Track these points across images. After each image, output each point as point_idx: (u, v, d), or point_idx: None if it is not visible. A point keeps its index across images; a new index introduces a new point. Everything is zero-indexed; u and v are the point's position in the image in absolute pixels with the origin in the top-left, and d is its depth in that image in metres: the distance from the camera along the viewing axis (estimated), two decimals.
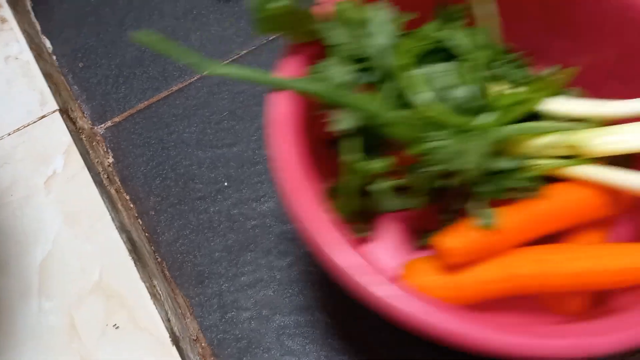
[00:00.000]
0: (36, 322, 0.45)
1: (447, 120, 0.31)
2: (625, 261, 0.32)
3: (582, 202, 0.34)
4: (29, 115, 0.59)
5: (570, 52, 0.41)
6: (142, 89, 0.66)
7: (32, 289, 0.47)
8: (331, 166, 0.35)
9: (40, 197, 0.52)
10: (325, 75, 0.32)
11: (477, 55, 0.33)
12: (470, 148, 0.31)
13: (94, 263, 0.48)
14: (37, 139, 0.57)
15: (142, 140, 0.61)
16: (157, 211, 0.55)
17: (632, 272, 0.32)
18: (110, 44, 0.71)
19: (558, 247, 0.35)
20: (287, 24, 0.31)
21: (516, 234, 0.34)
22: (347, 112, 0.32)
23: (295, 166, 0.30)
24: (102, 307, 0.46)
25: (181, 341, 0.45)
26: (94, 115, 0.64)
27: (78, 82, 0.67)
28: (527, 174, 0.34)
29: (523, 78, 0.37)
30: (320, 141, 0.34)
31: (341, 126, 0.32)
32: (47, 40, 0.72)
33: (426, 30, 0.35)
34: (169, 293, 0.49)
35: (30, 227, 0.51)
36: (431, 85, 0.32)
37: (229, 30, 0.71)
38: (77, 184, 0.53)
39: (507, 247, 0.34)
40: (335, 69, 0.32)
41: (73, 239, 0.50)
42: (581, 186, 0.34)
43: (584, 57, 0.41)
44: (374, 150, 0.34)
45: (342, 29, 0.33)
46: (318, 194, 0.30)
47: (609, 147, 0.32)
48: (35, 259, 0.49)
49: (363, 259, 0.28)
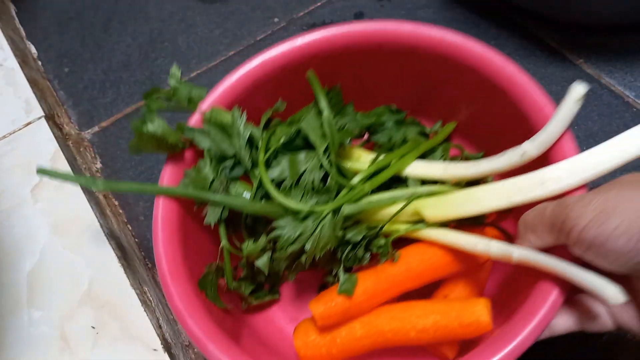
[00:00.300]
0: (26, 333, 0.45)
1: (290, 207, 0.36)
2: (465, 317, 0.35)
3: (434, 261, 0.38)
4: (14, 123, 0.58)
5: (449, 108, 0.45)
6: (129, 93, 0.65)
7: (21, 300, 0.46)
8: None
9: (28, 207, 0.52)
10: (199, 175, 0.37)
11: (322, 141, 0.37)
12: (308, 230, 0.35)
13: (83, 271, 0.48)
14: (24, 147, 0.56)
15: None
16: (146, 216, 0.54)
17: (473, 324, 0.35)
18: (95, 48, 0.70)
19: (410, 305, 0.38)
20: (160, 142, 0.37)
21: (377, 295, 0.38)
22: (213, 208, 0.37)
23: (172, 263, 0.36)
24: (92, 316, 0.45)
25: (173, 347, 0.45)
26: (81, 120, 0.63)
27: (64, 88, 0.67)
28: (383, 239, 0.38)
29: (397, 140, 0.42)
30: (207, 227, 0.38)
31: (209, 220, 0.37)
32: (32, 46, 0.72)
33: (294, 118, 0.40)
34: (160, 299, 0.49)
35: (18, 238, 0.50)
36: (293, 171, 0.37)
37: (215, 32, 0.70)
38: (65, 191, 0.52)
39: (370, 307, 0.38)
40: (207, 169, 0.37)
41: (61, 249, 0.49)
42: (432, 247, 0.38)
43: (462, 112, 0.44)
44: (260, 228, 0.40)
45: (209, 134, 0.38)
46: (189, 283, 0.36)
47: (434, 215, 0.36)
48: (23, 269, 0.48)
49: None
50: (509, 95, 0.38)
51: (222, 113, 0.39)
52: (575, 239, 0.28)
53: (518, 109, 0.37)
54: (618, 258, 0.27)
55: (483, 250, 0.34)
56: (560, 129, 0.33)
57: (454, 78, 0.41)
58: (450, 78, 0.42)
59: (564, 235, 0.29)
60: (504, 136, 0.40)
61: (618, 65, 0.58)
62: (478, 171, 0.36)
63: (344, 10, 0.69)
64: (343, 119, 0.40)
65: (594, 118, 0.54)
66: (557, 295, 0.31)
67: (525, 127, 0.37)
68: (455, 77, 0.41)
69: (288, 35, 0.68)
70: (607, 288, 0.28)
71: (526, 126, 0.37)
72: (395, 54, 0.42)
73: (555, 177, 0.32)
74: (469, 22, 0.65)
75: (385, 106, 0.44)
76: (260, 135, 0.39)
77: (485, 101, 0.41)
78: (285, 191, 0.37)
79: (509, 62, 0.38)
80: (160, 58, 0.68)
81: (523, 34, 0.63)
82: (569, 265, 0.30)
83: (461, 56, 0.39)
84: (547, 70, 0.59)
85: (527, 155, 0.34)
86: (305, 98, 0.40)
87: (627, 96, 0.55)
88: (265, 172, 0.37)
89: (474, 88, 0.41)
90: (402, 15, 0.67)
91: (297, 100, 0.41)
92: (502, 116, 0.40)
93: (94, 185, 0.38)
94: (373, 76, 0.44)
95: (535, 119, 0.36)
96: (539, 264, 0.31)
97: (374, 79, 0.45)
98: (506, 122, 0.39)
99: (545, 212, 0.31)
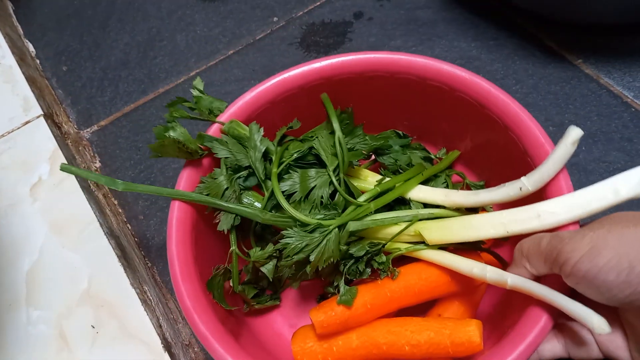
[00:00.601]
0: (24, 332, 0.45)
1: (299, 219, 0.37)
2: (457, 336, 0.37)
3: (431, 281, 0.39)
4: (12, 121, 0.58)
5: (453, 138, 0.48)
6: (128, 91, 0.65)
7: (19, 299, 0.46)
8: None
9: (26, 205, 0.51)
10: (214, 182, 0.39)
11: (333, 160, 0.40)
12: (314, 242, 0.37)
13: (82, 270, 0.47)
14: (22, 145, 0.56)
15: (130, 143, 0.60)
16: (146, 216, 0.54)
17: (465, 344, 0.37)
18: (94, 46, 0.70)
19: (406, 320, 0.39)
20: (180, 149, 0.39)
21: (376, 308, 0.39)
22: (226, 215, 0.39)
23: (183, 263, 0.37)
24: (91, 315, 0.45)
25: (173, 347, 0.45)
26: (80, 119, 0.63)
27: (62, 86, 0.66)
28: (384, 256, 0.40)
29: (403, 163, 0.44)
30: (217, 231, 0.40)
31: (221, 227, 0.39)
32: (30, 44, 0.71)
33: (307, 135, 0.42)
34: (160, 298, 0.48)
35: (16, 236, 0.50)
36: (304, 186, 0.39)
37: (214, 30, 0.70)
38: (64, 190, 0.52)
39: (368, 319, 0.39)
40: (222, 177, 0.39)
41: (60, 247, 0.49)
42: (431, 267, 0.39)
43: (466, 142, 0.47)
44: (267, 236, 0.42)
45: (227, 144, 0.40)
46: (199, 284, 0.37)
47: (434, 238, 0.38)
48: (22, 268, 0.48)
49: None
50: (511, 131, 0.40)
51: (240, 126, 0.41)
52: (568, 272, 0.29)
53: (519, 144, 0.39)
54: (608, 291, 0.28)
55: (479, 274, 0.35)
56: (557, 168, 0.35)
57: (460, 111, 0.44)
58: (456, 110, 0.44)
59: (557, 267, 0.30)
60: (504, 167, 0.43)
61: (617, 65, 0.58)
62: (477, 200, 0.38)
63: (343, 9, 0.69)
64: (353, 139, 0.42)
65: (592, 118, 0.55)
66: (546, 321, 0.32)
67: (525, 161, 0.39)
68: (462, 110, 0.43)
69: (287, 34, 0.68)
70: (592, 318, 0.30)
71: (525, 160, 0.39)
72: (406, 83, 0.44)
73: (551, 212, 0.34)
74: (469, 22, 0.65)
75: (392, 130, 0.46)
76: (275, 149, 0.41)
77: (489, 134, 0.43)
78: (295, 204, 0.39)
79: (512, 100, 0.40)
80: (159, 57, 0.68)
81: (522, 34, 0.63)
82: (558, 295, 0.31)
83: (469, 92, 0.42)
84: (546, 70, 0.59)
85: (524, 190, 0.36)
86: (317, 117, 0.43)
87: (626, 96, 0.56)
88: (278, 184, 0.39)
89: (479, 121, 0.43)
90: (401, 15, 0.67)
91: (309, 118, 0.43)
92: (503, 149, 0.42)
93: (114, 185, 0.39)
94: (383, 101, 0.47)
95: (534, 155, 0.38)
96: (531, 291, 0.33)
97: (384, 104, 0.47)
98: (507, 155, 0.42)
99: (541, 243, 0.32)
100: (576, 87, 0.57)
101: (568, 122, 0.55)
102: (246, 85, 0.63)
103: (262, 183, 0.40)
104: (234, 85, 0.64)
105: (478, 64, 0.61)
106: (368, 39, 0.66)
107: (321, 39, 0.67)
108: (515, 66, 0.60)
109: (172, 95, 0.64)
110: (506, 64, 0.60)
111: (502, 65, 0.60)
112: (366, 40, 0.66)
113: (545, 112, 0.56)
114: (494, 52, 0.62)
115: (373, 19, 0.68)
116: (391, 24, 0.66)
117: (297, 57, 0.65)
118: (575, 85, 0.57)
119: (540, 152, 0.37)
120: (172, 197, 0.39)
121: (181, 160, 0.57)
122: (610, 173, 0.51)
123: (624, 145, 0.53)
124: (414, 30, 0.65)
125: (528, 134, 0.39)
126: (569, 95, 0.57)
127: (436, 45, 0.63)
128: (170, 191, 0.39)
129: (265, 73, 0.64)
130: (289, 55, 0.65)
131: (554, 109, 0.56)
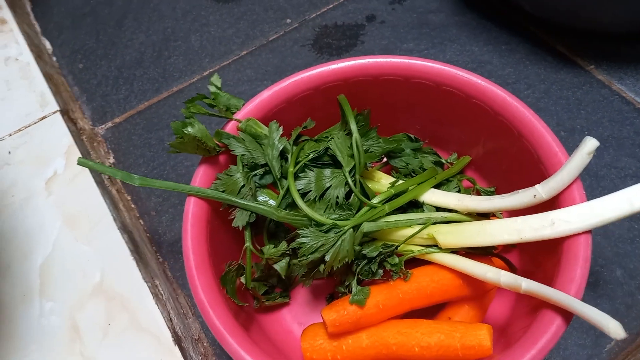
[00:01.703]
0: (38, 324, 0.45)
1: (315, 218, 0.38)
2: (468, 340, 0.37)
3: (444, 283, 0.40)
4: (29, 116, 0.59)
5: (464, 142, 0.48)
6: (142, 89, 0.66)
7: (33, 291, 0.47)
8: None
9: (41, 199, 0.52)
10: (231, 179, 0.40)
11: (349, 161, 0.40)
12: (329, 242, 0.37)
13: (95, 264, 0.48)
14: (38, 140, 0.57)
15: (143, 140, 0.61)
16: (158, 212, 0.55)
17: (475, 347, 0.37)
18: (109, 45, 0.71)
19: (416, 322, 0.39)
20: (199, 145, 0.40)
21: (387, 309, 0.39)
22: (241, 212, 0.39)
23: (198, 258, 0.38)
24: (103, 308, 0.46)
25: (183, 341, 0.45)
26: (95, 116, 0.64)
27: (78, 83, 0.67)
28: (397, 258, 0.40)
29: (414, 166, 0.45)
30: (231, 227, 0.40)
31: (237, 223, 0.39)
32: (47, 41, 0.72)
33: (322, 136, 0.43)
34: (171, 293, 0.49)
35: (30, 229, 0.50)
36: (319, 185, 0.40)
37: (228, 31, 0.71)
38: (78, 185, 0.53)
39: (379, 320, 0.40)
40: (239, 175, 0.40)
41: (74, 241, 0.49)
42: (443, 270, 0.40)
43: (478, 149, 0.47)
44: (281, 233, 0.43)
45: (244, 142, 0.41)
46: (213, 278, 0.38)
47: (448, 242, 0.38)
48: (35, 261, 0.48)
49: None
50: (525, 139, 0.40)
51: (257, 124, 0.42)
52: None
53: (532, 152, 0.40)
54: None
55: (493, 278, 0.36)
56: (572, 177, 0.36)
57: (473, 117, 0.44)
58: (470, 117, 0.44)
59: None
60: (515, 174, 0.43)
61: (629, 72, 0.58)
62: (491, 206, 0.39)
63: (356, 12, 0.70)
64: (367, 141, 0.43)
65: (604, 124, 0.55)
66: (559, 325, 0.32)
67: (537, 169, 0.39)
68: (475, 117, 0.44)
69: (300, 36, 0.68)
70: (609, 323, 0.30)
71: (538, 168, 0.39)
72: (421, 88, 0.45)
73: (565, 220, 0.35)
74: (481, 27, 0.66)
75: (404, 134, 0.46)
76: (291, 148, 0.41)
77: (501, 141, 0.43)
78: (309, 203, 0.39)
79: (527, 109, 0.40)
80: (174, 56, 0.69)
81: (534, 39, 0.63)
82: (573, 300, 0.31)
83: (484, 99, 0.42)
84: (558, 76, 0.59)
85: (538, 197, 0.37)
86: (331, 118, 0.44)
87: (638, 102, 0.56)
88: (294, 183, 0.39)
89: (492, 128, 0.43)
90: (414, 18, 0.68)
91: (324, 119, 0.44)
92: (515, 157, 0.42)
93: (131, 180, 0.40)
94: (396, 104, 0.47)
95: (548, 163, 0.38)
96: (545, 296, 0.33)
97: (397, 107, 0.47)
98: (519, 162, 0.42)
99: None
100: (588, 92, 0.57)
101: (580, 127, 0.55)
102: (259, 85, 0.64)
103: (278, 181, 0.40)
104: (247, 85, 0.64)
105: (490, 68, 0.61)
106: (380, 41, 0.66)
107: (334, 41, 0.67)
108: (527, 71, 0.60)
109: (185, 94, 0.65)
110: (518, 68, 0.61)
111: (514, 70, 0.61)
112: (378, 43, 0.66)
113: (556, 117, 0.56)
114: (505, 56, 0.62)
115: (385, 22, 0.68)
116: (403, 28, 0.67)
117: (309, 58, 0.66)
118: (587, 91, 0.58)
119: (554, 161, 0.38)
120: (188, 193, 0.40)
121: (193, 158, 0.58)
122: (622, 179, 0.51)
123: (636, 151, 0.53)
124: (426, 34, 0.66)
125: (542, 142, 0.39)
126: (581, 100, 0.57)
127: (448, 49, 0.64)
128: (186, 187, 0.40)
129: (278, 74, 0.65)
130: (302, 57, 0.66)
131: (566, 114, 0.56)
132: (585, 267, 0.33)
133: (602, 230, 0.48)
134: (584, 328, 0.44)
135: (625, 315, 0.44)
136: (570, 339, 0.44)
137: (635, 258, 0.46)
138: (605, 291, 0.45)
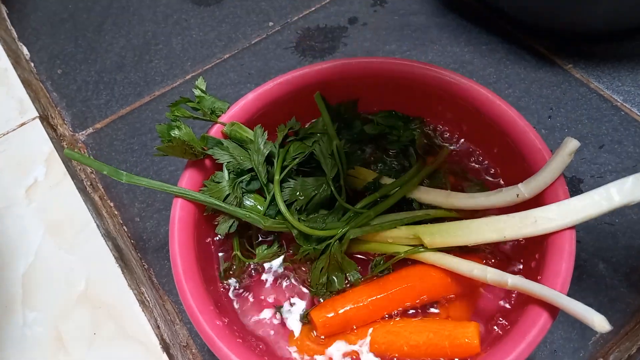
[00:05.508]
0: (21, 335, 0.44)
1: (301, 230, 0.39)
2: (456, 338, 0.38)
3: (433, 282, 0.40)
4: (7, 123, 0.57)
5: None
6: (123, 94, 0.65)
7: (15, 301, 0.46)
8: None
9: (22, 207, 0.51)
10: (217, 186, 0.40)
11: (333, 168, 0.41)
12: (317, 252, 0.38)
13: (79, 272, 0.47)
14: (17, 147, 0.56)
15: (126, 146, 0.60)
16: (142, 218, 0.54)
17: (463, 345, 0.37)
18: (89, 49, 0.70)
19: (405, 321, 0.40)
20: (186, 149, 0.39)
21: (377, 308, 0.40)
22: (225, 220, 0.40)
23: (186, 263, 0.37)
24: (88, 316, 0.45)
25: (171, 348, 0.45)
26: (75, 122, 0.63)
27: (57, 89, 0.66)
28: (384, 259, 0.41)
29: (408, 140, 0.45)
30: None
31: (219, 230, 0.40)
32: (24, 47, 0.71)
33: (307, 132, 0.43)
34: (157, 300, 0.48)
35: (11, 238, 0.49)
36: (304, 194, 0.40)
37: (210, 35, 0.70)
38: (60, 192, 0.52)
39: (369, 319, 0.40)
40: (225, 183, 0.40)
41: (57, 249, 0.48)
42: (432, 269, 0.40)
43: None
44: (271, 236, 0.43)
45: (228, 149, 0.41)
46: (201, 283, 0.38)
47: (434, 242, 0.39)
48: (18, 270, 0.47)
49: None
50: (509, 137, 0.41)
51: (242, 128, 0.42)
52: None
53: (516, 150, 0.41)
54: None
55: (479, 275, 0.36)
56: (553, 177, 0.37)
57: (459, 117, 0.45)
58: (456, 116, 0.45)
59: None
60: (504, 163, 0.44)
61: (606, 70, 0.60)
62: (476, 204, 0.40)
63: (338, 15, 0.70)
64: (350, 131, 0.44)
65: (583, 121, 0.56)
66: (546, 319, 0.33)
67: (522, 165, 0.40)
68: (461, 116, 0.44)
69: (282, 39, 0.68)
70: (593, 317, 0.30)
71: (522, 165, 0.40)
72: (405, 87, 0.45)
73: (547, 217, 0.35)
74: (461, 28, 0.66)
75: (388, 110, 0.46)
76: (277, 152, 0.41)
77: (487, 138, 0.44)
78: (293, 211, 0.40)
79: (510, 107, 0.41)
80: (155, 60, 0.68)
81: (513, 39, 0.64)
82: (559, 294, 0.32)
83: (468, 98, 0.43)
84: (537, 75, 0.60)
85: (520, 196, 0.37)
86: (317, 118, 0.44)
87: (616, 100, 0.57)
88: (280, 192, 0.40)
89: (477, 126, 0.44)
90: (395, 20, 0.68)
91: (310, 119, 0.46)
92: (500, 153, 0.43)
93: (118, 176, 0.39)
94: (381, 104, 0.47)
95: (532, 160, 0.39)
96: (531, 291, 0.33)
97: (382, 106, 0.47)
98: (503, 158, 0.43)
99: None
100: (567, 91, 0.59)
101: (559, 125, 0.56)
102: (242, 89, 0.64)
103: (265, 187, 0.40)
104: (230, 88, 0.64)
105: (471, 68, 0.62)
106: (363, 43, 0.66)
107: (316, 44, 0.67)
108: (508, 70, 0.61)
109: (167, 98, 0.64)
110: (498, 68, 0.62)
111: (495, 69, 0.62)
112: (361, 45, 0.66)
113: (537, 115, 0.57)
114: (486, 56, 0.63)
115: (367, 24, 0.69)
116: (385, 29, 0.67)
117: (292, 61, 0.66)
118: (566, 90, 0.59)
119: (538, 157, 0.39)
120: (175, 194, 0.39)
121: (177, 163, 0.58)
122: (601, 175, 0.52)
123: (614, 147, 0.54)
124: (408, 35, 0.66)
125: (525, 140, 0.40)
126: (560, 99, 0.58)
127: (429, 50, 0.65)
128: (173, 188, 0.39)
129: (261, 77, 0.65)
130: (285, 60, 0.66)
131: (546, 112, 0.57)
132: (570, 261, 0.34)
133: (584, 225, 0.49)
134: (570, 322, 0.44)
135: (609, 308, 0.45)
136: (556, 332, 0.44)
137: (617, 252, 0.47)
138: (589, 285, 0.46)
